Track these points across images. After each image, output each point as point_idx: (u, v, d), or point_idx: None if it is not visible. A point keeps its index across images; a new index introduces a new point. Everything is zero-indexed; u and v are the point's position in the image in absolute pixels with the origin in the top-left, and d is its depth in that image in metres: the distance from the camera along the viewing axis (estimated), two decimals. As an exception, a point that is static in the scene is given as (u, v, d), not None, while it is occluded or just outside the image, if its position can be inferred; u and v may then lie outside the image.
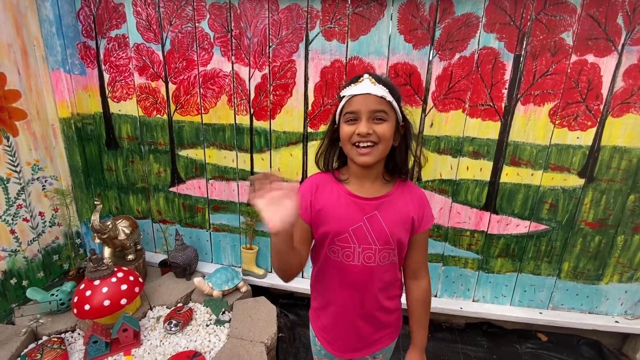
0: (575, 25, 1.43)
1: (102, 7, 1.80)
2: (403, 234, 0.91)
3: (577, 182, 1.61)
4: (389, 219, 0.89)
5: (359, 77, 0.85)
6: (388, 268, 0.93)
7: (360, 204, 0.89)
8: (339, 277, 0.94)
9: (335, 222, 0.90)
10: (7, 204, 1.69)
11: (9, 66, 1.66)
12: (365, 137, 0.82)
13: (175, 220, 2.13)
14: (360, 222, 0.89)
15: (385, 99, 0.82)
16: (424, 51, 1.56)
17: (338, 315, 0.98)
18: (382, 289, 0.95)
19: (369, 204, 0.89)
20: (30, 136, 1.78)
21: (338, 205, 0.90)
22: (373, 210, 0.89)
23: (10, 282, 1.72)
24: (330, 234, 0.90)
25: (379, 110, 0.82)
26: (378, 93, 0.81)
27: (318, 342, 1.06)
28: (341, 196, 0.91)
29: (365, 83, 0.83)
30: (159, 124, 1.94)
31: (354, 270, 0.92)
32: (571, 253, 1.72)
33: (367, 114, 0.82)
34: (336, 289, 0.95)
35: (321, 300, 1.02)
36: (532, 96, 1.54)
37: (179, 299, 1.82)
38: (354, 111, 0.83)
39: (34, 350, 1.45)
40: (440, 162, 1.70)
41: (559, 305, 1.83)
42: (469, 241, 1.80)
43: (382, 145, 0.84)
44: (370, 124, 0.82)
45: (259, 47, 1.71)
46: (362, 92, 0.82)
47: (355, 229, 0.89)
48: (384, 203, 0.90)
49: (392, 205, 0.90)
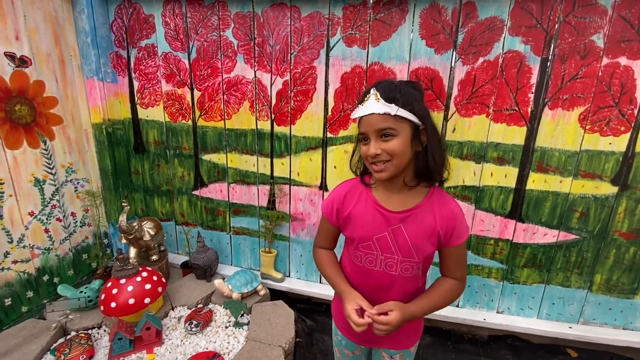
0: (607, 27, 1.37)
1: (134, 18, 1.89)
2: (428, 247, 0.90)
3: (609, 190, 1.54)
4: (413, 233, 0.89)
5: (368, 92, 0.84)
6: (410, 280, 0.93)
7: (386, 216, 0.90)
8: (360, 277, 0.97)
9: (361, 229, 0.93)
10: (43, 204, 1.78)
11: (48, 74, 1.76)
12: (375, 158, 0.83)
13: (197, 223, 2.18)
14: (385, 232, 0.90)
15: (390, 114, 0.79)
16: (446, 56, 1.54)
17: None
18: (402, 295, 0.94)
19: (394, 216, 0.89)
20: (65, 140, 1.88)
21: (365, 214, 0.93)
22: (397, 223, 0.89)
23: (42, 279, 1.81)
24: (356, 239, 0.94)
25: (384, 128, 0.81)
26: (381, 111, 0.80)
27: (339, 332, 1.10)
28: (368, 204, 0.92)
29: (369, 101, 0.82)
30: (184, 130, 2.00)
31: (375, 275, 0.94)
32: (604, 265, 1.63)
33: (374, 134, 0.83)
34: (357, 287, 0.97)
35: None
36: (561, 100, 1.49)
37: (200, 300, 1.85)
38: (362, 132, 0.86)
39: (63, 344, 1.51)
40: (463, 168, 1.66)
41: (590, 320, 1.73)
42: (493, 250, 1.74)
43: (395, 161, 0.83)
44: (378, 143, 0.82)
45: (280, 54, 1.74)
46: (366, 113, 0.83)
47: (379, 238, 0.91)
48: (410, 217, 0.89)
49: (419, 219, 0.89)
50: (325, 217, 1.02)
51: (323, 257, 1.07)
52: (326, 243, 1.08)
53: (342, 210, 0.96)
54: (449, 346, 1.85)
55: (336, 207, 0.97)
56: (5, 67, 1.56)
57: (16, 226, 1.66)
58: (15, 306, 1.69)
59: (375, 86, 0.84)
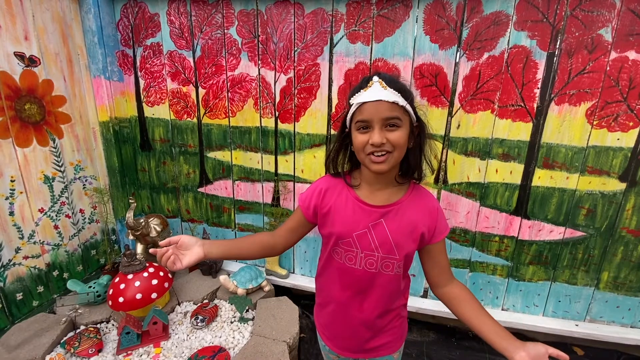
0: (615, 20, 1.35)
1: (139, 17, 1.91)
2: (409, 244, 0.88)
3: (617, 186, 1.51)
4: (395, 228, 0.87)
5: (369, 79, 0.80)
6: (392, 278, 0.91)
7: (367, 211, 0.88)
8: (340, 277, 0.94)
9: (341, 226, 0.90)
10: (52, 201, 1.82)
11: (56, 73, 1.79)
12: (379, 148, 0.79)
13: (202, 220, 2.21)
14: (365, 229, 0.88)
15: (397, 104, 0.77)
16: (451, 51, 1.53)
17: (337, 314, 0.98)
18: (383, 297, 0.93)
19: (376, 211, 0.87)
20: (74, 138, 1.91)
21: (345, 209, 0.90)
22: (379, 218, 0.87)
23: (52, 274, 1.85)
24: (335, 236, 0.91)
25: (392, 117, 0.77)
26: (390, 99, 0.76)
27: (321, 339, 1.07)
28: (349, 201, 0.90)
29: (375, 88, 0.78)
30: (189, 127, 2.02)
31: (356, 273, 0.91)
32: (611, 262, 1.61)
33: (379, 123, 0.78)
34: (337, 289, 0.95)
35: (323, 296, 1.03)
36: (567, 96, 1.47)
37: (205, 296, 1.88)
38: (366, 120, 0.79)
39: (72, 338, 1.54)
40: (467, 164, 1.65)
41: (597, 318, 1.72)
42: (497, 247, 1.73)
43: (396, 153, 0.80)
44: (383, 132, 0.78)
45: (284, 51, 1.75)
46: (373, 99, 0.77)
47: (359, 234, 0.88)
48: (392, 211, 0.87)
49: (400, 214, 0.87)
50: (302, 209, 0.96)
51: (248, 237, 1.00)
52: (280, 231, 1.00)
53: (321, 206, 0.92)
54: (454, 343, 1.85)
55: (314, 202, 0.93)
56: (15, 66, 1.59)
57: (27, 222, 1.70)
58: (27, 300, 1.73)
59: (376, 75, 0.80)
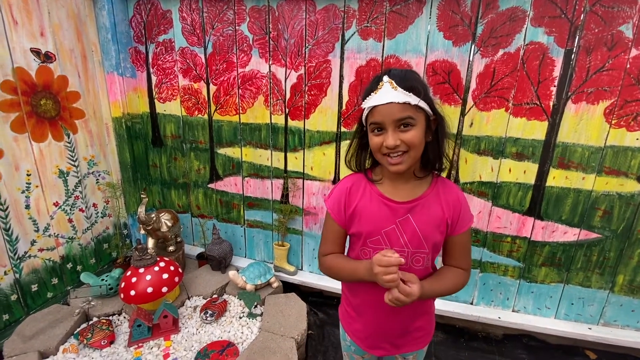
0: (636, 16, 1.31)
1: (152, 14, 1.92)
2: (437, 236, 0.89)
3: (636, 187, 1.47)
4: (422, 222, 0.87)
5: (379, 80, 0.79)
6: (422, 273, 0.91)
7: (392, 208, 0.88)
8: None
9: (368, 224, 0.90)
10: (66, 195, 1.85)
11: (71, 70, 1.82)
12: (393, 150, 0.79)
13: (212, 215, 2.22)
14: (393, 225, 0.88)
15: (409, 103, 0.76)
16: (465, 48, 1.51)
17: (368, 313, 0.98)
18: None
19: (402, 207, 0.87)
20: (88, 134, 1.95)
21: (371, 206, 0.90)
22: (406, 214, 0.87)
23: (66, 267, 1.89)
24: (363, 234, 0.91)
25: (404, 118, 0.77)
26: (400, 100, 0.75)
27: (348, 338, 1.07)
28: (374, 198, 0.90)
29: (385, 89, 0.77)
30: (200, 124, 2.03)
31: None
32: (627, 265, 1.57)
33: (392, 125, 0.78)
34: (368, 287, 0.95)
35: (352, 296, 1.02)
36: (585, 94, 1.43)
37: (215, 291, 1.89)
38: (378, 122, 0.80)
39: (85, 329, 1.58)
40: (480, 163, 1.63)
41: (611, 322, 1.68)
42: (509, 247, 1.70)
43: (413, 152, 0.80)
44: (397, 133, 0.78)
45: (295, 48, 1.74)
46: (383, 102, 0.77)
47: (387, 231, 0.88)
48: (418, 206, 0.87)
49: (426, 208, 0.88)
50: (332, 216, 0.95)
51: (333, 259, 0.96)
52: (335, 247, 0.98)
53: (347, 206, 0.92)
54: (462, 344, 1.83)
55: (343, 203, 0.92)
56: (31, 62, 1.62)
57: (42, 216, 1.74)
58: (41, 292, 1.77)
59: (386, 74, 0.79)
